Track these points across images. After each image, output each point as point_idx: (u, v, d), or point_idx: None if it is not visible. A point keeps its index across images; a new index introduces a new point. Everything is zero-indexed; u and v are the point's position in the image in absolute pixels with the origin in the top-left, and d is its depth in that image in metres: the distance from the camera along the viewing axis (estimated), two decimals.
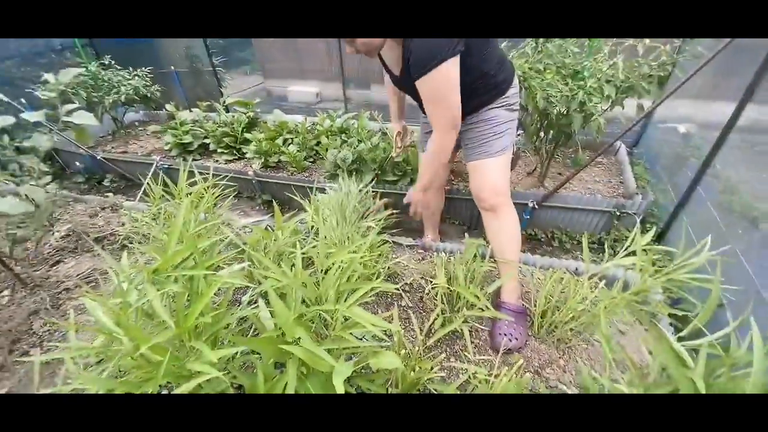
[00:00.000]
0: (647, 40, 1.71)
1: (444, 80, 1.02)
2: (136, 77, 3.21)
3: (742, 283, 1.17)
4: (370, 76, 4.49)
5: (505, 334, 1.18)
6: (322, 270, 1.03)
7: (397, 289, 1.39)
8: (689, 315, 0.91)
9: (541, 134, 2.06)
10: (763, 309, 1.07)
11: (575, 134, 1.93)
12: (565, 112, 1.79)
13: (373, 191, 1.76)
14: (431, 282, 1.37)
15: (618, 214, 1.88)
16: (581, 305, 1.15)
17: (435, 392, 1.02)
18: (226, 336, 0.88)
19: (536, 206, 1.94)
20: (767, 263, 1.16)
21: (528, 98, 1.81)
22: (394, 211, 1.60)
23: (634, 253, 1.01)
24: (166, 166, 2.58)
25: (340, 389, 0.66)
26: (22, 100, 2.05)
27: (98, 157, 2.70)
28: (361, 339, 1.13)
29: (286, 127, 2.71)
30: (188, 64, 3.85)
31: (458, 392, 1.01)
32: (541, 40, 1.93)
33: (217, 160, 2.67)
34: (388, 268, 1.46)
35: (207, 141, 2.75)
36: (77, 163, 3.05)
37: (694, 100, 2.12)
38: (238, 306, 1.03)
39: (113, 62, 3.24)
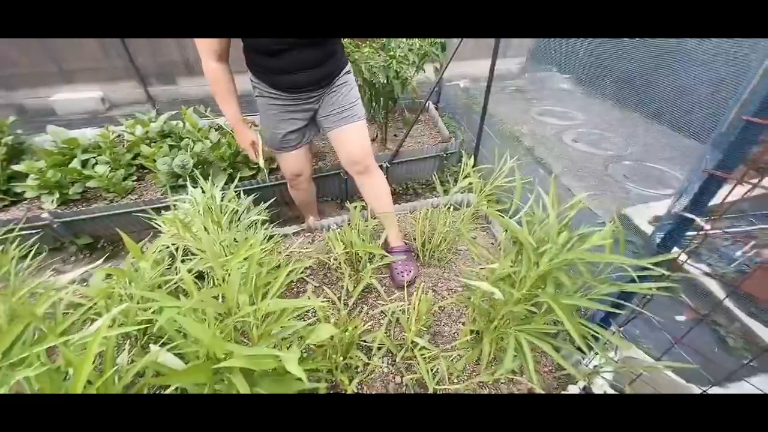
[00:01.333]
0: None
1: None
2: None
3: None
4: (173, 68, 3.79)
5: (402, 272, 1.38)
6: (219, 282, 0.93)
7: (303, 272, 1.39)
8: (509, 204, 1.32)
9: (374, 104, 2.33)
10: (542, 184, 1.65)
11: (399, 99, 2.27)
12: (386, 81, 2.07)
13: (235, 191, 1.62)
14: (330, 256, 1.44)
15: (444, 155, 2.38)
16: (446, 228, 1.47)
17: (367, 344, 1.13)
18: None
19: (389, 165, 2.23)
20: (530, 164, 1.75)
21: (356, 71, 1.99)
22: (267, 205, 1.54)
23: (467, 182, 1.36)
24: None
25: (298, 372, 0.67)
26: None
27: None
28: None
29: (77, 145, 2.06)
30: None
31: (387, 337, 1.15)
32: None
33: None
34: (284, 261, 1.43)
35: None
36: None
37: (467, 60, 2.82)
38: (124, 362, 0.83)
39: None
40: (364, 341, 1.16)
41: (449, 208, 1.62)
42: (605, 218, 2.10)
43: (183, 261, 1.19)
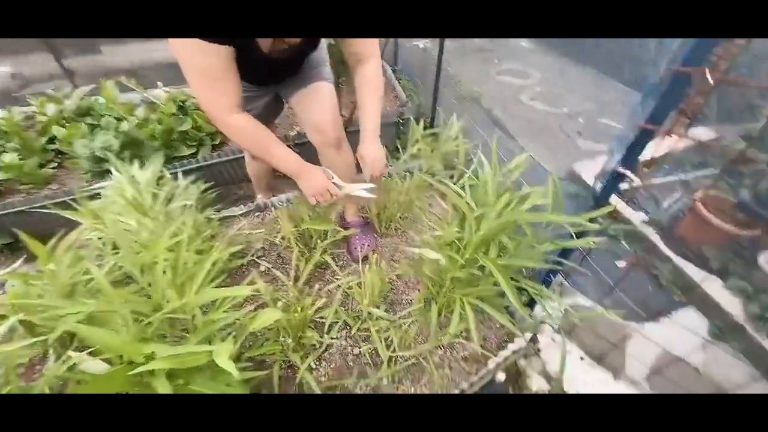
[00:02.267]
0: None
1: None
2: None
3: (477, 138, 1.72)
4: None
5: (359, 246, 1.35)
6: (139, 278, 0.85)
7: (254, 254, 1.33)
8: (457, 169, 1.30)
9: None
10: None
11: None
12: (334, 42, 1.90)
13: (172, 173, 1.47)
14: (280, 236, 1.37)
15: (402, 121, 2.30)
16: (401, 198, 1.43)
17: (324, 321, 1.11)
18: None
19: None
20: (487, 125, 1.73)
21: None
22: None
23: (416, 148, 1.30)
24: None
25: (228, 367, 0.63)
26: None
27: None
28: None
29: None
30: None
31: (344, 311, 1.14)
32: None
33: None
34: (230, 243, 1.34)
35: None
36: None
37: None
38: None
39: None
40: (321, 318, 1.15)
41: (404, 176, 1.57)
42: (559, 176, 2.16)
43: (114, 252, 1.08)
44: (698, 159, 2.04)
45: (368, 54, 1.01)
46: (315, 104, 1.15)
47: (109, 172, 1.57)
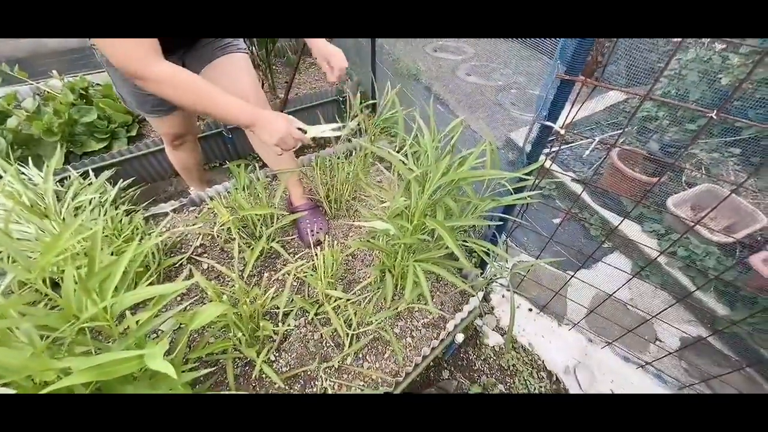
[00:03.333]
0: None
1: None
2: None
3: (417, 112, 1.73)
4: None
5: (310, 230, 1.30)
6: (40, 288, 0.73)
7: (192, 254, 1.21)
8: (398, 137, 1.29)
9: (250, 44, 2.00)
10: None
11: (277, 39, 1.98)
12: None
13: (80, 171, 1.27)
14: (219, 229, 1.27)
15: (341, 99, 2.23)
16: (347, 176, 1.39)
17: (279, 310, 1.05)
18: None
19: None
20: (427, 100, 1.73)
21: None
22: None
23: (355, 122, 1.26)
24: None
25: (164, 368, 0.56)
26: None
27: None
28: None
29: None
30: None
31: (300, 297, 1.09)
32: None
33: None
34: (163, 242, 1.21)
35: None
36: None
37: None
38: None
39: None
40: (276, 308, 1.09)
41: (347, 154, 1.53)
42: (497, 145, 2.27)
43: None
44: (612, 120, 2.27)
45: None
46: (235, 80, 1.05)
47: None
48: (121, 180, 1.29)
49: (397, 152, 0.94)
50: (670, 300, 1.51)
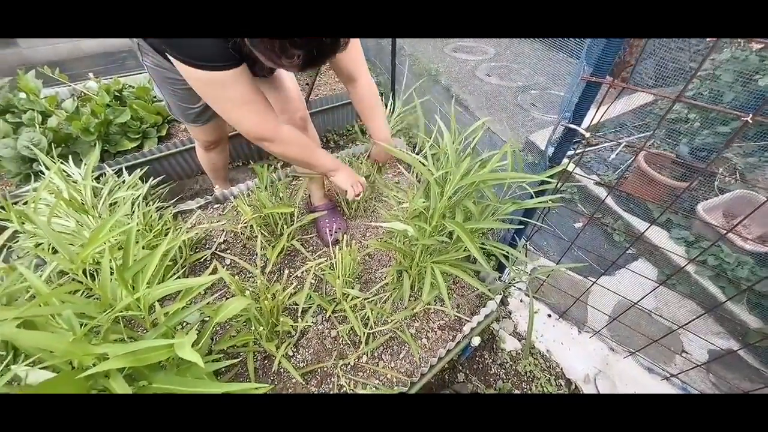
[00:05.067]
0: None
1: None
2: None
3: (437, 113, 1.73)
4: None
5: (329, 230, 1.32)
6: (81, 278, 0.78)
7: (216, 250, 1.25)
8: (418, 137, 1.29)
9: None
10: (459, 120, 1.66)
11: None
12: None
13: (113, 169, 1.34)
14: (243, 226, 1.31)
15: None
16: (367, 176, 1.41)
17: (298, 306, 1.08)
18: None
19: None
20: (447, 101, 1.73)
21: None
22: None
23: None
24: None
25: (191, 356, 0.59)
26: None
27: None
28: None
29: None
30: None
31: (318, 294, 1.12)
32: None
33: None
34: (190, 239, 1.26)
35: None
36: None
37: None
38: None
39: None
40: (295, 304, 1.12)
41: (367, 155, 1.55)
42: (517, 147, 2.23)
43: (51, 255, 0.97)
44: (638, 122, 2.19)
45: (358, 73, 1.04)
46: (280, 86, 1.15)
47: (41, 173, 1.41)
48: (152, 178, 1.36)
49: (417, 153, 0.95)
50: (698, 310, 1.45)
